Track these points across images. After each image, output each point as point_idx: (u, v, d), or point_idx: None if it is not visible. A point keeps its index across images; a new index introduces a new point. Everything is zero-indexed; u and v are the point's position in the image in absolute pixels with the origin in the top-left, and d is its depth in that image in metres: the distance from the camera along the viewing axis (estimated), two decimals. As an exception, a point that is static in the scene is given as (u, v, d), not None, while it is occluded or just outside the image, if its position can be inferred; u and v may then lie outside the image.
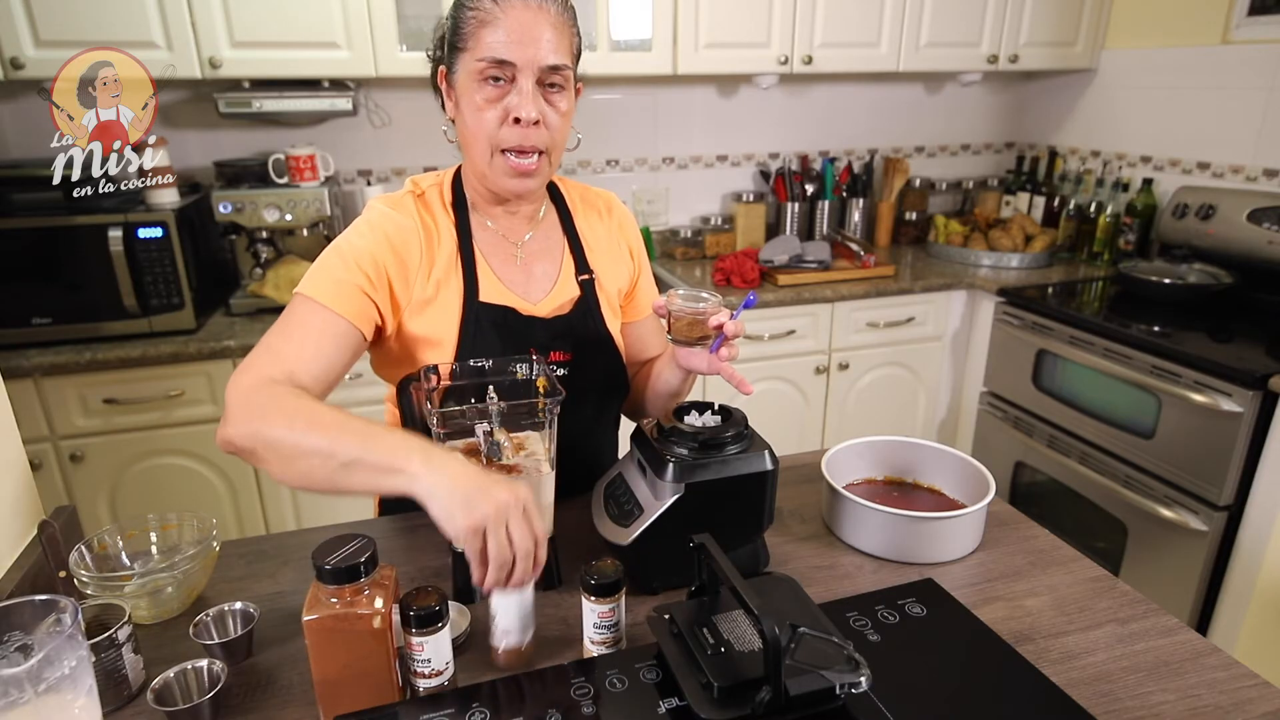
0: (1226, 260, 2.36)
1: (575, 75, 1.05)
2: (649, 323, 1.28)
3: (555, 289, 1.15)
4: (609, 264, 1.21)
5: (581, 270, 1.17)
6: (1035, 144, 3.20)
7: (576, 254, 1.18)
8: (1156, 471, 2.06)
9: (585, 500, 1.07)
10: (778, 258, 2.60)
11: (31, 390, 1.92)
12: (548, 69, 0.99)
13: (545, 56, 0.98)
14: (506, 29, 0.96)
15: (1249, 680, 0.84)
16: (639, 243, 1.26)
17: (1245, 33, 2.42)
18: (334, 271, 1.00)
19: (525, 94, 0.98)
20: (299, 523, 2.23)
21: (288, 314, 0.98)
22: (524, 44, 0.97)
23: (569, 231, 1.19)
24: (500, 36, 0.97)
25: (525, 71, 0.98)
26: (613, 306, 1.20)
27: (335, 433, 0.83)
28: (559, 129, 1.03)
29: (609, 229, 1.22)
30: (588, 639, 0.86)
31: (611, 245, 1.22)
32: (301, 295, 0.98)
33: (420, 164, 2.63)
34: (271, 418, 0.86)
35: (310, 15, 2.08)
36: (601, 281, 1.18)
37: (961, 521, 1.05)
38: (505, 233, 1.14)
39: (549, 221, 1.19)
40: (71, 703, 0.67)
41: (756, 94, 2.90)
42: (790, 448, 2.01)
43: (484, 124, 1.00)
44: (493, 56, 0.97)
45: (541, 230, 1.17)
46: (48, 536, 0.94)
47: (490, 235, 1.13)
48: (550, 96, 1.01)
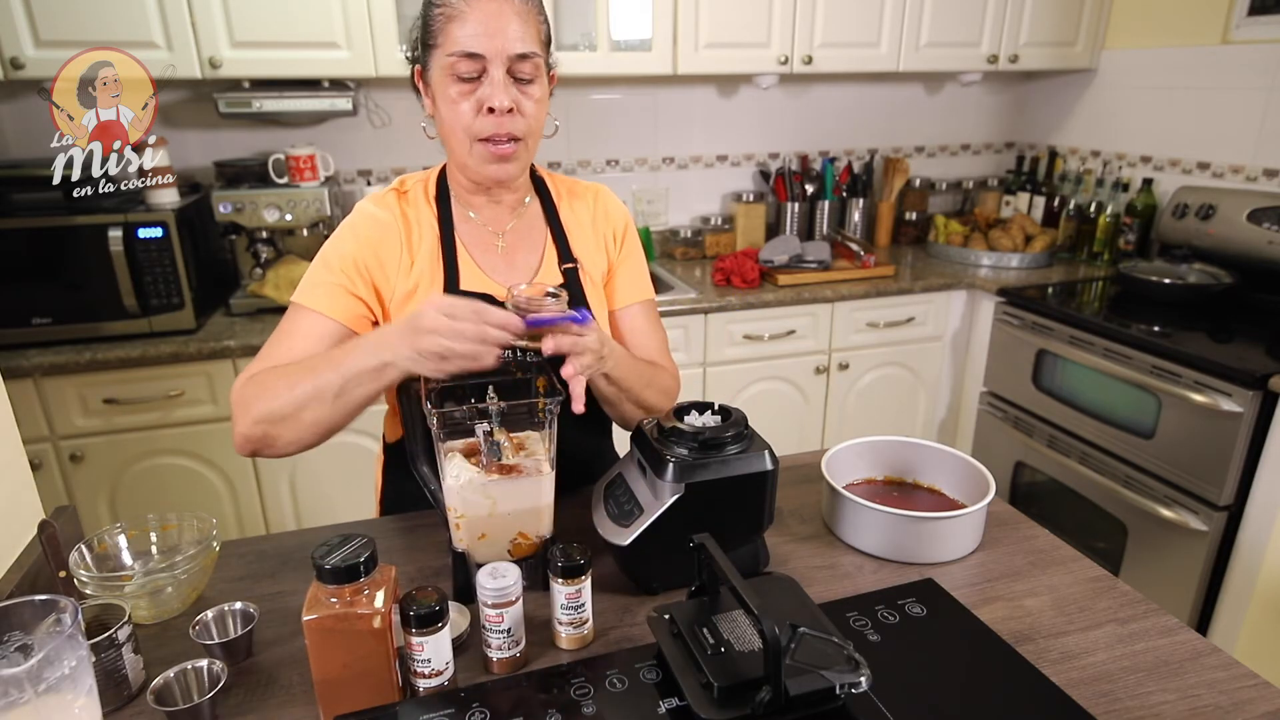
0: (1226, 260, 2.36)
1: (547, 63, 1.08)
2: (630, 318, 1.25)
3: (536, 277, 1.17)
4: (591, 251, 1.22)
5: (565, 259, 1.18)
6: (1035, 144, 3.20)
7: (560, 243, 1.19)
8: (1156, 471, 2.06)
9: (585, 500, 1.07)
10: (778, 258, 2.60)
11: (31, 390, 1.92)
12: (516, 58, 1.02)
13: (513, 46, 1.01)
14: (473, 22, 1.00)
15: (1249, 680, 0.84)
16: (626, 232, 1.26)
17: (1245, 33, 2.42)
18: (318, 276, 1.07)
19: (497, 84, 1.02)
20: (299, 523, 2.23)
21: (281, 323, 1.07)
22: (491, 35, 1.00)
23: (552, 221, 1.20)
24: (468, 30, 1.00)
25: (495, 62, 1.01)
26: (599, 293, 1.22)
27: (311, 376, 0.94)
28: (534, 115, 1.06)
29: (593, 217, 1.23)
30: (556, 620, 0.88)
31: (595, 233, 1.23)
32: (293, 304, 1.07)
33: (420, 164, 2.63)
34: (260, 399, 0.96)
35: (310, 15, 2.08)
36: (586, 269, 1.20)
37: (961, 521, 1.05)
38: (488, 223, 1.17)
39: (532, 211, 1.21)
40: (71, 703, 0.67)
41: (756, 94, 2.90)
42: (790, 448, 2.01)
43: (460, 116, 1.04)
44: (461, 50, 1.00)
45: (524, 220, 1.19)
46: (48, 536, 0.94)
47: (472, 226, 1.16)
48: (522, 85, 1.04)
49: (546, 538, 0.97)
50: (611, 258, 1.24)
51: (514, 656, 0.85)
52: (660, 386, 1.18)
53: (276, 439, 0.97)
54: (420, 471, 1.01)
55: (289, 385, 0.95)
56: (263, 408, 0.96)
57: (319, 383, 0.93)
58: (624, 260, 1.25)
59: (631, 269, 1.25)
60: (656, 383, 1.17)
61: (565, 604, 0.87)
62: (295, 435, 0.97)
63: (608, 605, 0.96)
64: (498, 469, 0.92)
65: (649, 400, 1.14)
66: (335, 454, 2.18)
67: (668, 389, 1.21)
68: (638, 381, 1.12)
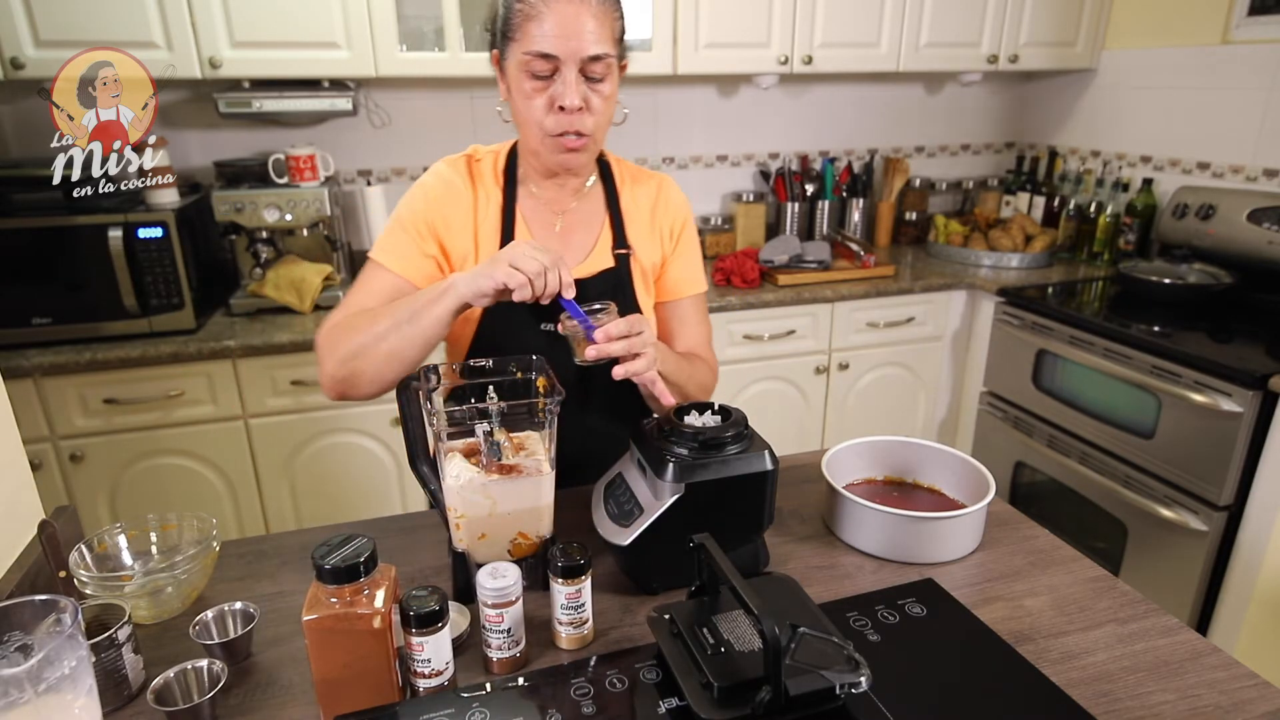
0: (1226, 260, 2.36)
1: (621, 53, 1.11)
2: (680, 310, 1.29)
3: (589, 259, 1.21)
4: (646, 241, 1.24)
5: (619, 244, 1.22)
6: (1035, 144, 3.20)
7: (616, 228, 1.22)
8: (1156, 471, 2.05)
9: (585, 500, 1.07)
10: (778, 258, 2.60)
11: (31, 390, 1.92)
12: (589, 59, 1.05)
13: (586, 48, 1.04)
14: (550, 23, 1.03)
15: (1249, 680, 0.84)
16: (684, 226, 1.28)
17: (1245, 33, 2.42)
18: (394, 236, 1.15)
19: (569, 84, 1.05)
20: (299, 523, 2.23)
21: (360, 278, 1.15)
22: (566, 37, 1.03)
23: (612, 206, 1.23)
24: (544, 30, 1.03)
25: (568, 63, 1.04)
26: (648, 284, 1.25)
27: (389, 313, 1.03)
28: (602, 111, 1.10)
29: (653, 206, 1.26)
30: (556, 620, 0.88)
31: (653, 222, 1.25)
32: (371, 260, 1.15)
33: (420, 164, 2.63)
34: (344, 340, 1.05)
35: (310, 15, 2.08)
36: (639, 257, 1.23)
37: (961, 521, 1.05)
38: (549, 202, 1.22)
39: (594, 195, 1.24)
40: (71, 703, 0.67)
41: (756, 94, 2.90)
42: (790, 448, 2.01)
43: (533, 111, 1.08)
44: (537, 50, 1.04)
45: (585, 203, 1.23)
46: (48, 536, 0.94)
47: (535, 202, 1.21)
48: (593, 83, 1.07)
49: (546, 538, 0.97)
50: (666, 251, 1.27)
51: (514, 656, 0.85)
52: (698, 381, 1.23)
53: (360, 375, 1.04)
54: (420, 471, 1.01)
55: (370, 323, 1.04)
56: (346, 347, 1.04)
57: (394, 316, 1.02)
58: (681, 254, 1.28)
59: (688, 262, 1.29)
60: (695, 377, 1.22)
61: (565, 604, 0.87)
62: (375, 370, 1.03)
63: (608, 605, 0.96)
64: (498, 469, 0.92)
65: (690, 394, 1.20)
66: (335, 454, 2.18)
67: (705, 384, 1.25)
68: (679, 375, 1.16)
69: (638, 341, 1.00)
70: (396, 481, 2.28)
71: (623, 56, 1.12)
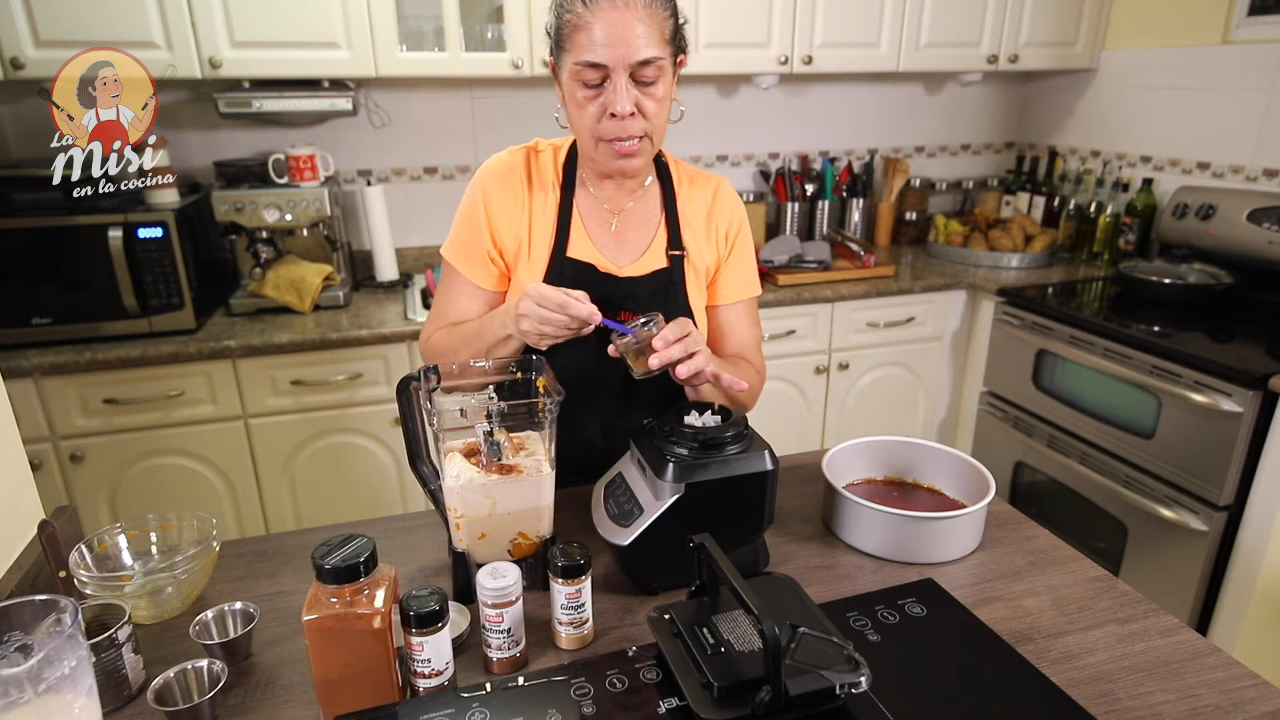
0: (1226, 260, 2.36)
1: (675, 51, 1.10)
2: (732, 314, 1.29)
3: (643, 259, 1.21)
4: (701, 242, 1.25)
5: (674, 245, 1.22)
6: (1035, 144, 3.20)
7: (671, 229, 1.23)
8: (1156, 471, 2.05)
9: (585, 500, 1.07)
10: (778, 258, 2.60)
11: (31, 390, 1.92)
12: (639, 64, 1.04)
13: (635, 54, 1.03)
14: (598, 32, 1.03)
15: (1249, 680, 0.84)
16: (740, 230, 1.28)
17: (1245, 33, 2.42)
18: (458, 233, 1.21)
19: (620, 90, 1.05)
20: (299, 523, 2.23)
21: (442, 280, 1.25)
22: (614, 45, 1.02)
23: (668, 206, 1.24)
24: (592, 39, 1.03)
25: (617, 70, 1.04)
26: (701, 285, 1.25)
27: (476, 339, 1.16)
28: (656, 114, 1.09)
29: (709, 209, 1.26)
30: (556, 620, 0.88)
31: (709, 225, 1.26)
32: (446, 261, 1.23)
33: (420, 164, 2.63)
34: (443, 357, 1.19)
35: (310, 15, 2.08)
36: (692, 259, 1.23)
37: (961, 521, 1.05)
38: (606, 200, 1.23)
39: (650, 195, 1.25)
40: (71, 703, 0.67)
41: (756, 94, 2.90)
42: (790, 448, 2.01)
43: (585, 119, 1.09)
44: (586, 60, 1.04)
45: (641, 203, 1.24)
46: (48, 536, 0.94)
47: (591, 200, 1.22)
48: (644, 87, 1.07)
49: (546, 538, 0.97)
50: (720, 254, 1.27)
51: (514, 656, 0.85)
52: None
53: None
54: (420, 471, 1.01)
55: (464, 344, 1.17)
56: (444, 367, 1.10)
57: (477, 346, 1.15)
58: (735, 258, 1.28)
59: (742, 266, 1.29)
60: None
61: (565, 604, 0.87)
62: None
63: (608, 605, 0.96)
64: (498, 469, 0.92)
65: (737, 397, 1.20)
66: (335, 454, 2.18)
67: (751, 387, 1.25)
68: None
69: (691, 341, 1.03)
70: (396, 481, 2.28)
71: (679, 53, 1.11)
